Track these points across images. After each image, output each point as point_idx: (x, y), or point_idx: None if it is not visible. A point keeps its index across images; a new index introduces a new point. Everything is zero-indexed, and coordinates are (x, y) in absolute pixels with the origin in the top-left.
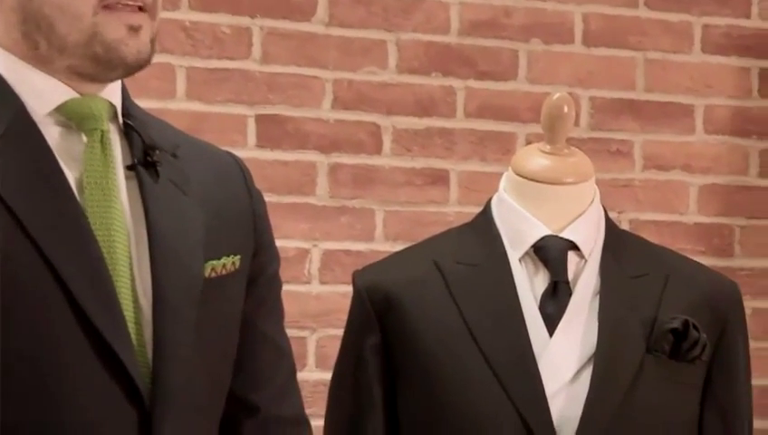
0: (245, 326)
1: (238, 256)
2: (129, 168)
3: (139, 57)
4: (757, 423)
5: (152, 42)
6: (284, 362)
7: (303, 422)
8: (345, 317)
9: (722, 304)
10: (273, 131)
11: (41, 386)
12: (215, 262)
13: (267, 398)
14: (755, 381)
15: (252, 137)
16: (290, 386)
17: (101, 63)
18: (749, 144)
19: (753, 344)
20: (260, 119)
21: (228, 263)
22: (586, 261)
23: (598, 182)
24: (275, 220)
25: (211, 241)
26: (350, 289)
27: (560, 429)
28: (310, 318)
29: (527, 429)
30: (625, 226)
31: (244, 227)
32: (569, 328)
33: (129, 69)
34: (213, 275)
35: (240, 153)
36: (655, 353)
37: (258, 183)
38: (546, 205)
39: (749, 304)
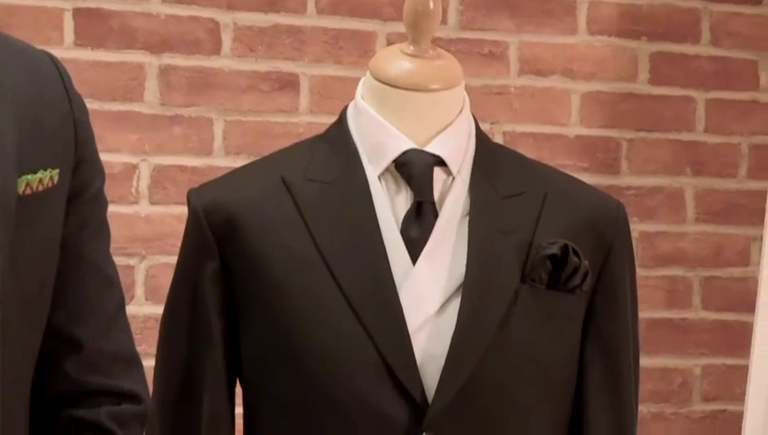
0: (66, 251)
1: (56, 171)
2: None
3: None
4: (644, 361)
5: None
6: (111, 292)
7: (133, 360)
8: (179, 242)
9: (606, 227)
10: (94, 28)
11: None
12: (29, 177)
13: (91, 332)
14: (642, 314)
15: (69, 34)
16: (117, 319)
17: None
18: (638, 46)
19: (640, 273)
20: (79, 12)
21: (45, 178)
22: (454, 178)
23: (468, 89)
24: (98, 130)
25: (25, 153)
26: (184, 210)
27: (423, 367)
28: (139, 243)
29: (387, 368)
30: (498, 138)
31: (62, 137)
32: (434, 254)
33: None
34: (28, 191)
35: (56, 52)
36: (530, 283)
37: (78, 87)
38: (409, 114)
39: (636, 227)
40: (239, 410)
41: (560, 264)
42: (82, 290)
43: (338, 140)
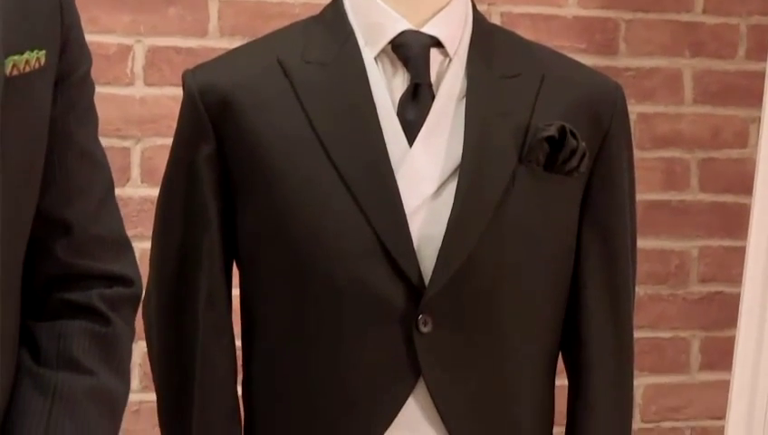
0: (54, 135)
1: (43, 51)
2: None
3: None
4: (641, 242)
5: None
6: (100, 174)
7: (124, 243)
8: (174, 124)
9: (603, 109)
10: None
11: None
12: (16, 57)
13: (81, 215)
14: (639, 196)
15: None
16: (107, 202)
17: None
18: None
19: (637, 154)
20: None
21: (32, 59)
22: (451, 60)
23: None
24: (93, 11)
25: (11, 33)
26: (179, 92)
27: (420, 249)
28: (134, 125)
29: (383, 249)
30: (496, 20)
31: (48, 18)
32: (431, 136)
33: None
34: (15, 72)
35: None
36: (528, 164)
37: None
38: None
39: (634, 109)
40: (236, 291)
41: (557, 146)
42: (71, 173)
43: (334, 21)
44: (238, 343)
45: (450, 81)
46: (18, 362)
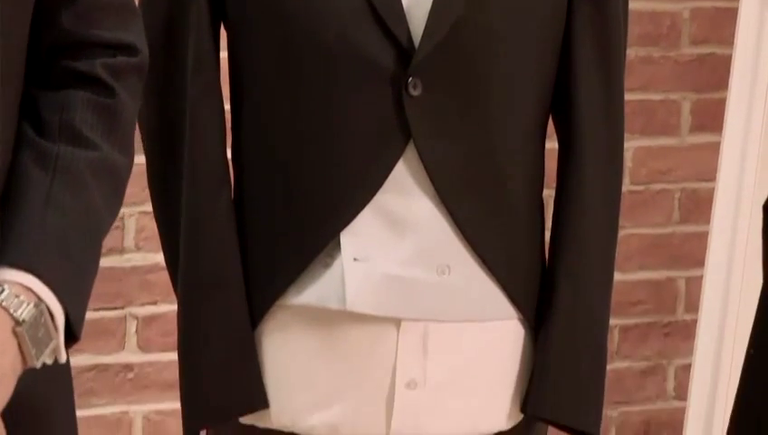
0: None
1: None
2: None
3: None
4: (632, 4)
5: None
6: None
7: (129, 10)
8: None
9: None
10: None
11: None
12: None
13: None
14: None
15: None
16: None
17: None
18: None
19: None
20: None
21: None
22: None
23: None
24: None
25: None
26: None
27: (410, 11)
28: None
29: (372, 9)
30: None
31: None
32: None
33: None
34: None
35: None
36: None
37: None
38: None
39: None
40: (224, 54)
41: None
42: None
43: None
44: (227, 106)
45: None
46: (19, 133)
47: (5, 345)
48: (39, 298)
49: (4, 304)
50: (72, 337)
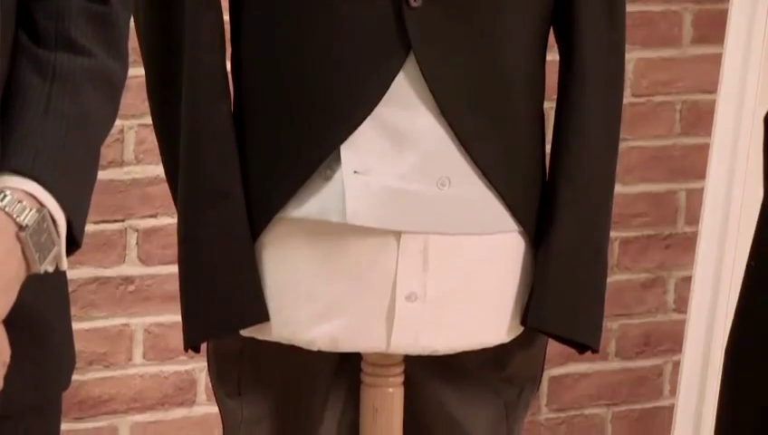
0: None
1: None
2: None
3: None
4: None
5: None
6: None
7: None
8: None
9: None
10: None
11: None
12: None
13: None
14: None
15: None
16: None
17: None
18: None
19: None
20: None
21: None
22: None
23: None
24: None
25: None
26: None
27: None
28: None
29: None
30: None
31: None
32: None
33: None
34: None
35: None
36: None
37: None
38: None
39: None
40: None
41: None
42: None
43: None
44: (226, 17)
45: None
46: (16, 41)
47: (10, 250)
48: (41, 204)
49: (7, 209)
50: (73, 244)
